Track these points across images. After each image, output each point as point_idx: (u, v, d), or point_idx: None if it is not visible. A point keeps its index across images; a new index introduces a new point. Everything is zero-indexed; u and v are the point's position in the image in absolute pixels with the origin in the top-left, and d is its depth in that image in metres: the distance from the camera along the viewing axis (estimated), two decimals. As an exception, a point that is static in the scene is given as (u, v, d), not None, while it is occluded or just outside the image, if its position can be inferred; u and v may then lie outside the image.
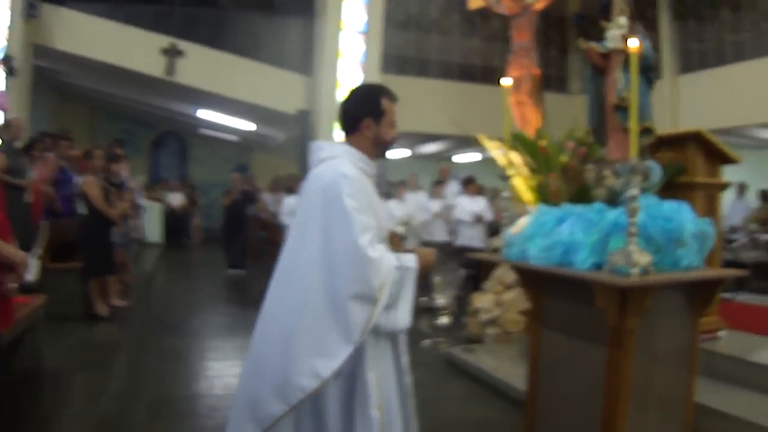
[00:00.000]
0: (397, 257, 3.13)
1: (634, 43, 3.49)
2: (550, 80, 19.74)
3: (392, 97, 3.34)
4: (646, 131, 3.95)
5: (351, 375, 3.07)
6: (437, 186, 12.89)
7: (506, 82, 5.14)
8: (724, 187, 6.21)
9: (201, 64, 16.78)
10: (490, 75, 21.02)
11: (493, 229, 10.92)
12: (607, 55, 4.21)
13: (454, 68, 21.34)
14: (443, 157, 25.51)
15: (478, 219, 11.41)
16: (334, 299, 2.97)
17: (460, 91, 20.28)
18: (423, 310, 9.55)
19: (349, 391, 3.08)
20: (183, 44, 16.55)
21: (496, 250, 4.51)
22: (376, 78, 18.25)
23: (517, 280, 5.42)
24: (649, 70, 4.11)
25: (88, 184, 8.61)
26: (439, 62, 21.18)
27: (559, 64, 22.36)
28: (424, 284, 3.03)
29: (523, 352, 7.11)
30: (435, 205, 12.12)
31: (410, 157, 24.02)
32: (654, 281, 3.46)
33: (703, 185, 5.94)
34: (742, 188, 15.45)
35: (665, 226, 3.66)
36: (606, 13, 4.29)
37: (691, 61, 18.61)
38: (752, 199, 15.32)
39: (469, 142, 21.75)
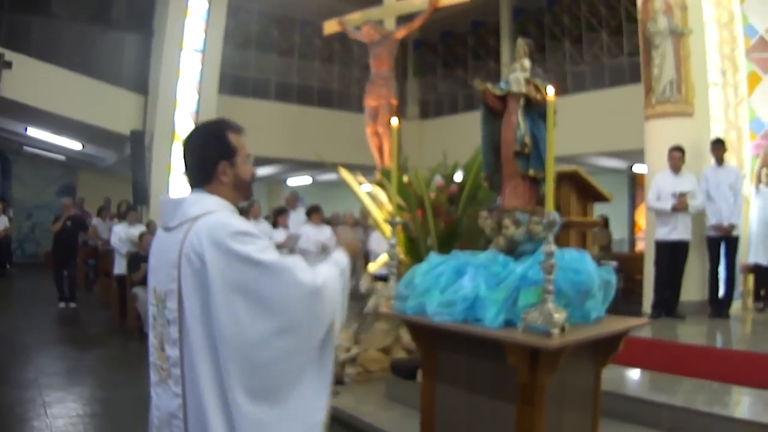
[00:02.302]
0: (331, 262, 2.97)
1: (551, 91, 3.25)
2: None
3: (237, 129, 2.88)
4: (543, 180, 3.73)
5: None
6: (280, 215, 12.50)
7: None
8: (595, 224, 6.19)
9: (30, 78, 15.59)
10: (327, 98, 21.05)
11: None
12: (503, 98, 3.95)
13: (292, 90, 21.15)
14: (276, 180, 25.42)
15: (324, 249, 11.14)
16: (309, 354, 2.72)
17: (297, 113, 20.13)
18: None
19: None
20: (10, 55, 15.31)
21: (388, 299, 4.17)
22: (213, 99, 17.82)
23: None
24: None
25: None
26: (278, 84, 20.95)
27: (398, 89, 22.55)
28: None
29: (390, 393, 6.91)
30: (279, 235, 11.70)
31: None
32: (575, 340, 3.26)
33: (577, 223, 5.90)
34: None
35: (574, 279, 3.48)
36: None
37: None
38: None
39: (301, 166, 21.75)
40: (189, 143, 2.86)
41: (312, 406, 2.72)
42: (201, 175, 2.80)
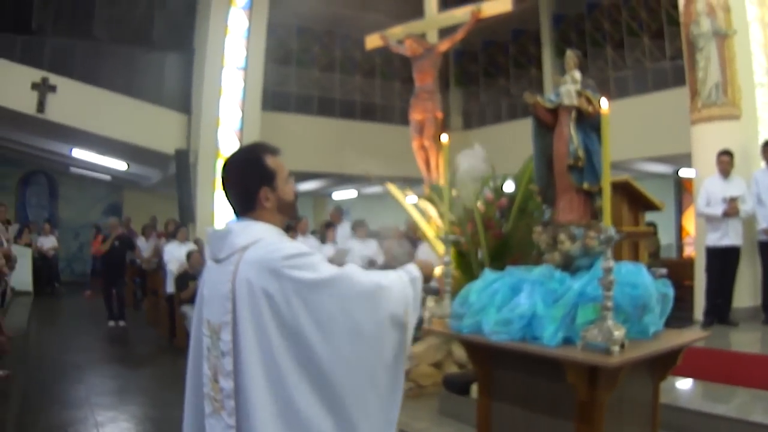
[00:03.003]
0: (403, 270, 2.91)
1: (605, 104, 3.21)
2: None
3: (273, 151, 2.83)
4: (601, 192, 3.67)
5: None
6: (328, 228, 12.45)
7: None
8: (648, 234, 6.10)
9: (74, 100, 15.88)
10: (370, 111, 21.04)
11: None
12: (554, 111, 3.90)
13: (334, 104, 21.18)
14: (321, 194, 25.45)
15: (371, 263, 11.11)
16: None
17: (340, 127, 20.12)
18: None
19: None
20: (55, 78, 15.61)
21: (441, 318, 4.12)
22: (256, 115, 17.89)
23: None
24: (600, 128, 3.82)
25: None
26: (320, 99, 20.99)
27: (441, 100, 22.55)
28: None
29: (443, 409, 6.84)
30: (328, 250, 11.65)
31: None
32: (636, 357, 3.21)
33: (629, 234, 5.82)
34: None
35: (632, 294, 3.42)
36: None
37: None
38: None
39: (346, 179, 21.72)
40: (227, 173, 2.83)
41: (384, 425, 2.72)
42: (244, 204, 2.78)
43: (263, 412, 2.49)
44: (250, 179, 2.76)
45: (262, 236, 2.67)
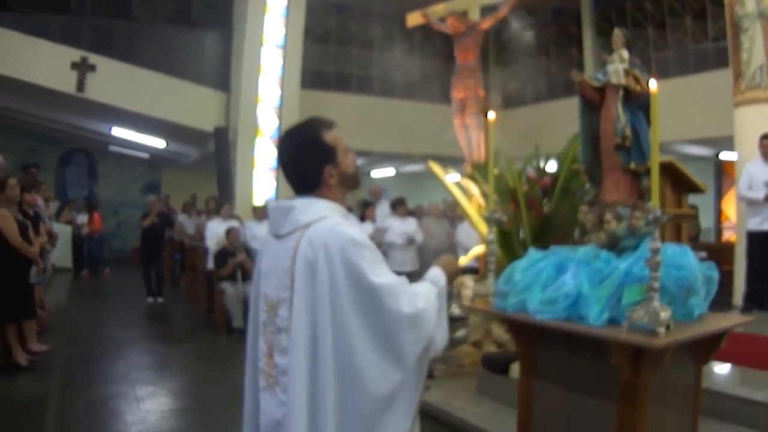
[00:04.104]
0: (429, 281, 2.80)
1: (653, 84, 3.17)
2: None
3: (329, 125, 2.76)
4: (648, 172, 3.64)
5: None
6: (368, 207, 12.44)
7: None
8: (691, 216, 6.04)
9: (114, 79, 16.00)
10: (409, 89, 20.93)
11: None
12: (601, 89, 3.87)
13: (372, 82, 21.12)
14: (360, 172, 25.32)
15: (411, 241, 11.12)
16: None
17: (379, 105, 20.11)
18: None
19: None
20: (94, 58, 15.74)
21: (484, 297, 4.11)
22: (295, 93, 17.90)
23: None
24: (647, 107, 3.78)
25: (2, 218, 7.79)
26: (359, 77, 20.94)
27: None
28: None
29: (481, 388, 6.84)
30: (367, 228, 11.66)
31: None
32: (681, 339, 3.18)
33: (673, 216, 5.76)
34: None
35: (678, 275, 3.39)
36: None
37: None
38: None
39: (384, 158, 21.69)
40: (286, 154, 2.80)
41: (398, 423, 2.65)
42: (307, 183, 2.73)
43: (300, 392, 2.50)
44: (312, 159, 2.71)
45: (326, 214, 2.64)
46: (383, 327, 2.52)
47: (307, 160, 2.71)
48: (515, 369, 6.13)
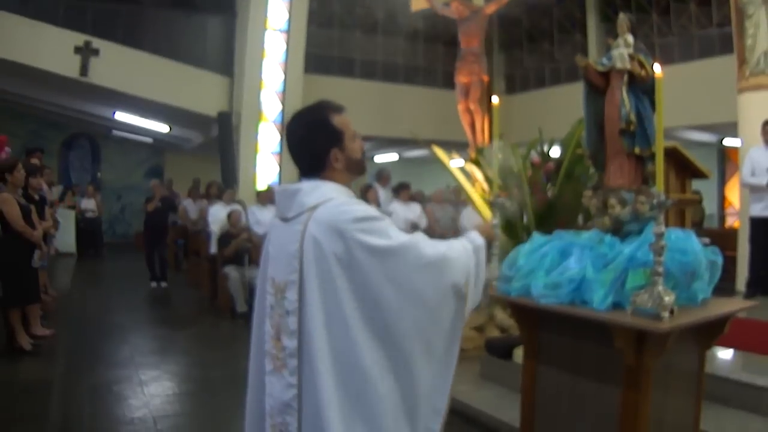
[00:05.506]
0: (466, 238, 2.91)
1: (658, 69, 3.16)
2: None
3: (338, 109, 2.79)
4: (652, 157, 3.64)
5: None
6: (367, 191, 12.39)
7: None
8: (695, 201, 6.03)
9: (117, 64, 15.97)
10: (412, 74, 20.88)
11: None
12: (606, 74, 3.86)
13: (377, 67, 21.07)
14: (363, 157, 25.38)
15: (414, 227, 11.10)
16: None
17: (382, 90, 20.07)
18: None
19: None
20: (98, 42, 15.69)
21: (489, 281, 4.12)
22: (299, 78, 17.87)
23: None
24: (652, 92, 3.77)
25: (5, 201, 7.79)
26: (362, 61, 20.89)
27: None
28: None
29: (485, 373, 6.85)
30: (370, 210, 11.62)
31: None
32: (685, 323, 3.21)
33: (676, 201, 5.75)
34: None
35: (682, 260, 3.40)
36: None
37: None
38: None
39: (388, 143, 21.67)
40: (293, 135, 2.78)
41: (437, 390, 2.69)
42: (313, 165, 2.73)
43: (325, 373, 2.48)
44: (319, 141, 2.71)
45: (332, 196, 2.64)
46: (407, 279, 2.53)
47: (314, 143, 2.71)
48: (519, 353, 6.15)
